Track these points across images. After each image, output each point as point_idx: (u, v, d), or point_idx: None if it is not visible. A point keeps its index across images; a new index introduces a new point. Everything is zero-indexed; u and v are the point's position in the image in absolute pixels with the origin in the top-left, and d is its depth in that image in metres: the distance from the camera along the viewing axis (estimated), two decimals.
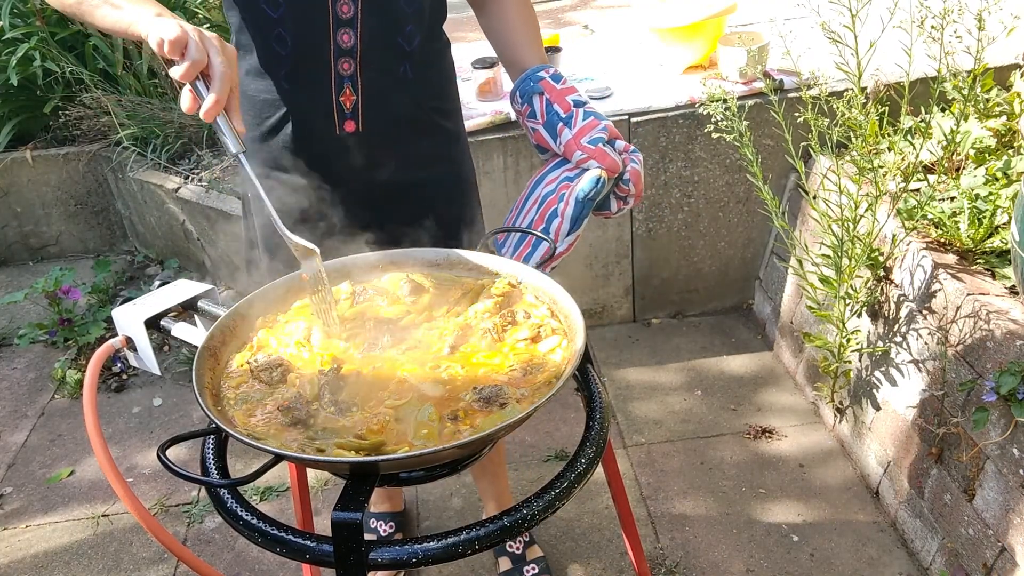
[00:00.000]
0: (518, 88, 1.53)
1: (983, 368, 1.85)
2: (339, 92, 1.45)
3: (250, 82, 1.49)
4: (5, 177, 3.72)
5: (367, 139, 1.50)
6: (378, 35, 1.42)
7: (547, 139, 1.50)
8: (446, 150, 1.62)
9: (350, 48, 1.42)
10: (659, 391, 2.80)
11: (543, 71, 1.50)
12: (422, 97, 1.53)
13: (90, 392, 1.15)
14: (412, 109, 1.52)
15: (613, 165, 1.41)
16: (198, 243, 3.43)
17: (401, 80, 1.49)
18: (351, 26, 1.40)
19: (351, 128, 1.48)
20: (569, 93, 1.48)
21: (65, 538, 2.41)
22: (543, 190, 1.47)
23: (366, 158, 1.51)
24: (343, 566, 0.99)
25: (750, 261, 3.06)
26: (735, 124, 2.08)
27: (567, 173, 1.45)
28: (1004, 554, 1.80)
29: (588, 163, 1.42)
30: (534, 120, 1.50)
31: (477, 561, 2.20)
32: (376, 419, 1.09)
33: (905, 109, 2.19)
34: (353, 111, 1.47)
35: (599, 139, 1.42)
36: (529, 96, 1.50)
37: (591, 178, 1.41)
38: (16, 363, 3.20)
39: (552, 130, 1.48)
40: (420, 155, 1.56)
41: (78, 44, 3.65)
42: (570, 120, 1.45)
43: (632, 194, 1.46)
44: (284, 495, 2.47)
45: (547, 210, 1.44)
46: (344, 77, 1.44)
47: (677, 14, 2.81)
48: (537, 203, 1.47)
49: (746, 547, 2.20)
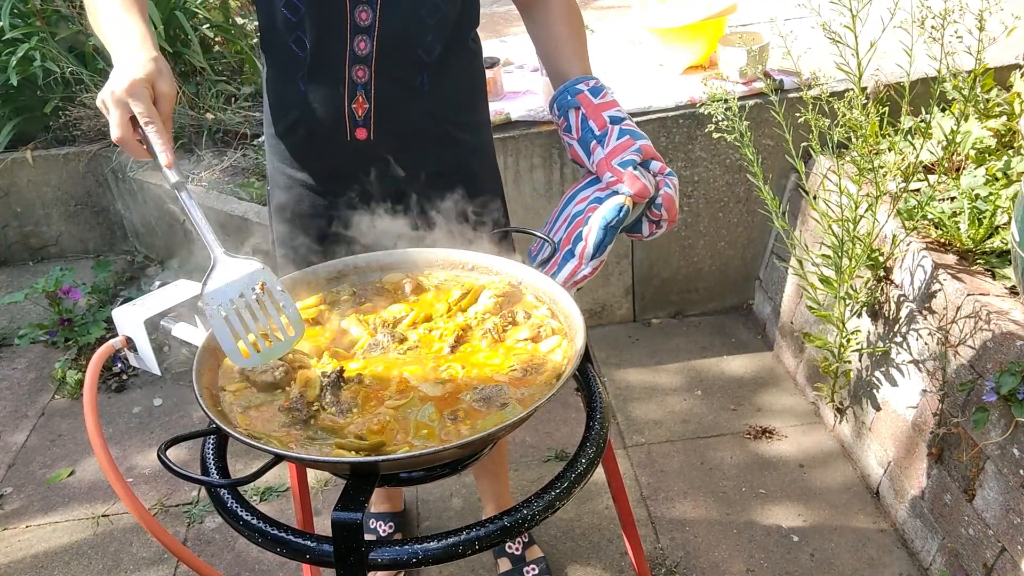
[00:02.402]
0: (556, 100, 1.49)
1: (983, 368, 1.85)
2: (352, 99, 1.44)
3: (274, 80, 1.51)
4: (5, 177, 3.72)
5: (378, 147, 1.48)
6: (395, 44, 1.41)
7: (581, 156, 1.46)
8: (461, 162, 1.57)
9: (365, 56, 1.40)
10: (659, 391, 2.80)
11: (582, 83, 1.46)
12: (438, 109, 1.50)
13: (90, 392, 1.15)
14: (426, 120, 1.50)
15: (643, 191, 1.36)
16: (198, 243, 3.43)
17: (416, 91, 1.46)
18: (368, 33, 1.39)
19: (362, 136, 1.47)
20: (607, 108, 1.44)
21: (65, 538, 2.40)
22: (573, 208, 1.43)
23: (376, 166, 1.50)
24: (343, 566, 0.99)
25: (750, 261, 3.06)
26: (736, 124, 2.08)
27: (598, 193, 1.41)
28: (1004, 554, 1.80)
29: (617, 186, 1.38)
30: (569, 135, 1.47)
31: (477, 561, 2.20)
32: (376, 419, 1.09)
33: (905, 109, 2.19)
34: (365, 119, 1.45)
35: (630, 161, 1.37)
36: (565, 110, 1.47)
37: (614, 206, 1.36)
38: (16, 363, 3.20)
39: (586, 147, 1.44)
40: (432, 167, 1.53)
41: (78, 44, 3.65)
42: (604, 138, 1.41)
43: (665, 219, 1.42)
44: (284, 495, 2.46)
45: (574, 231, 1.41)
46: (358, 84, 1.43)
47: (677, 14, 2.81)
48: (567, 221, 1.44)
49: (746, 547, 2.20)
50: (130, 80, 1.13)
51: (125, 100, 1.13)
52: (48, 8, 3.55)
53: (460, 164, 1.57)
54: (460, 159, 1.57)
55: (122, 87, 1.13)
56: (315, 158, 1.52)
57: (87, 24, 3.53)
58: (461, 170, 1.56)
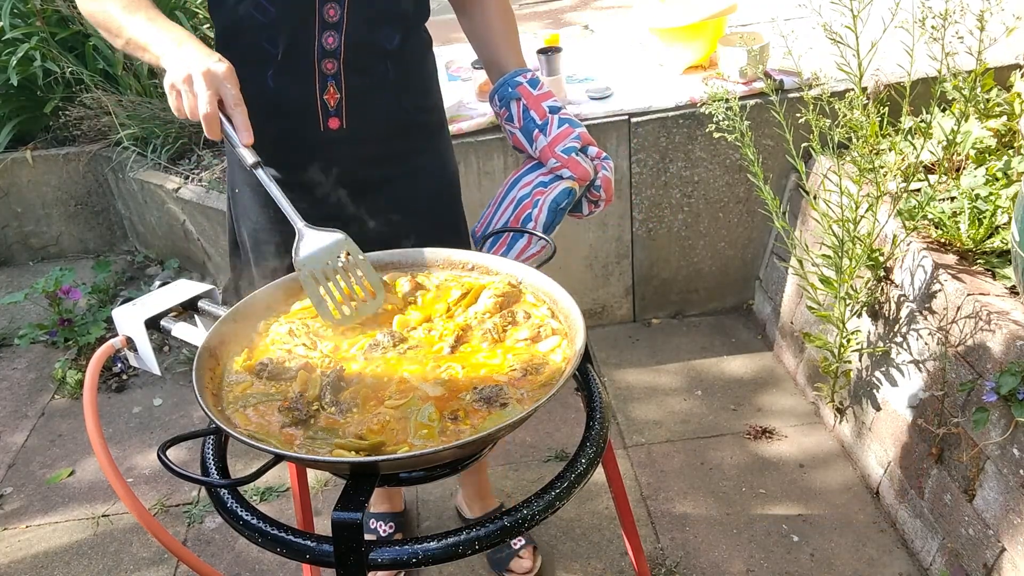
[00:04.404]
0: (496, 92, 1.59)
1: (983, 368, 1.85)
2: (323, 90, 1.48)
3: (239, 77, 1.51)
4: (5, 177, 3.72)
5: (351, 136, 1.53)
6: (360, 37, 1.47)
7: (524, 143, 1.56)
8: (429, 143, 1.67)
9: (333, 49, 1.46)
10: (659, 391, 2.80)
11: (521, 76, 1.57)
12: (404, 95, 1.57)
13: (90, 392, 1.15)
14: (394, 107, 1.56)
15: (584, 174, 1.49)
16: (198, 243, 3.43)
17: (383, 79, 1.53)
18: (336, 29, 1.44)
19: (335, 125, 1.52)
20: (545, 99, 1.54)
21: (65, 538, 2.40)
22: (518, 192, 1.55)
23: (350, 154, 1.55)
24: (343, 566, 0.99)
25: (750, 261, 3.06)
26: (736, 124, 2.08)
27: (542, 178, 1.53)
28: (1004, 554, 1.80)
29: (561, 171, 1.49)
30: (511, 124, 1.58)
31: (477, 561, 2.20)
32: (376, 419, 1.09)
33: (906, 109, 2.19)
34: (337, 109, 1.50)
35: (572, 148, 1.49)
36: (507, 101, 1.57)
37: (562, 189, 1.50)
38: (16, 363, 3.20)
39: (528, 135, 1.55)
40: (403, 150, 1.61)
41: (78, 44, 3.65)
42: (545, 127, 1.52)
43: (603, 199, 1.54)
44: (284, 495, 2.47)
45: (522, 213, 1.52)
46: (328, 76, 1.48)
47: (677, 14, 2.81)
48: (513, 204, 1.54)
49: (746, 547, 2.20)
50: (227, 66, 1.24)
51: (221, 81, 1.23)
52: (48, 8, 3.55)
53: (426, 145, 1.65)
54: (426, 140, 1.66)
55: (222, 69, 1.23)
56: (287, 152, 1.55)
57: (87, 24, 3.54)
58: (429, 150, 1.66)
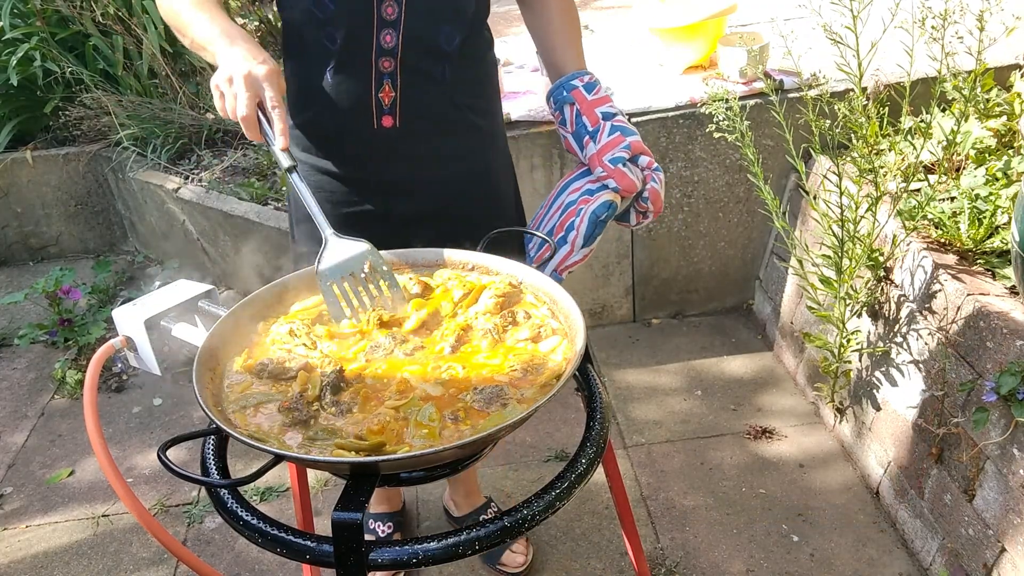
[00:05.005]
0: (552, 94, 1.58)
1: (983, 368, 1.85)
2: (379, 88, 1.49)
3: (297, 73, 1.54)
4: (5, 177, 3.72)
5: (403, 134, 1.53)
6: (418, 36, 1.46)
7: (575, 148, 1.55)
8: (479, 148, 1.64)
9: (391, 48, 1.45)
10: (659, 391, 2.80)
11: (577, 79, 1.54)
12: (458, 96, 1.56)
13: (90, 392, 1.15)
14: (447, 107, 1.55)
15: (630, 186, 1.48)
16: (198, 243, 3.43)
17: (438, 80, 1.52)
18: (394, 27, 1.44)
19: (388, 123, 1.52)
20: (600, 104, 1.52)
21: (65, 538, 2.40)
22: (567, 198, 1.53)
23: (401, 152, 1.55)
24: (343, 566, 0.99)
25: (750, 261, 3.05)
26: (736, 124, 2.08)
27: (589, 185, 1.51)
28: (1004, 554, 1.80)
29: (607, 181, 1.48)
30: (564, 128, 1.56)
31: (477, 561, 2.20)
32: (376, 419, 1.09)
33: (906, 109, 2.19)
34: (391, 107, 1.50)
35: (620, 159, 1.47)
36: (561, 105, 1.56)
37: (603, 201, 1.48)
38: (16, 363, 3.20)
39: (579, 141, 1.53)
40: (454, 152, 1.59)
41: (78, 44, 3.65)
42: (596, 134, 1.51)
43: (651, 211, 1.53)
44: (284, 495, 2.46)
45: (567, 220, 1.51)
46: (384, 74, 1.48)
47: (677, 14, 2.81)
48: (560, 209, 1.54)
49: (746, 547, 2.20)
50: (269, 68, 1.26)
51: (262, 84, 1.25)
52: (48, 8, 3.55)
53: (476, 149, 1.63)
54: (477, 144, 1.63)
55: (262, 71, 1.25)
56: (340, 146, 1.56)
57: (87, 24, 3.54)
58: (478, 156, 1.63)
